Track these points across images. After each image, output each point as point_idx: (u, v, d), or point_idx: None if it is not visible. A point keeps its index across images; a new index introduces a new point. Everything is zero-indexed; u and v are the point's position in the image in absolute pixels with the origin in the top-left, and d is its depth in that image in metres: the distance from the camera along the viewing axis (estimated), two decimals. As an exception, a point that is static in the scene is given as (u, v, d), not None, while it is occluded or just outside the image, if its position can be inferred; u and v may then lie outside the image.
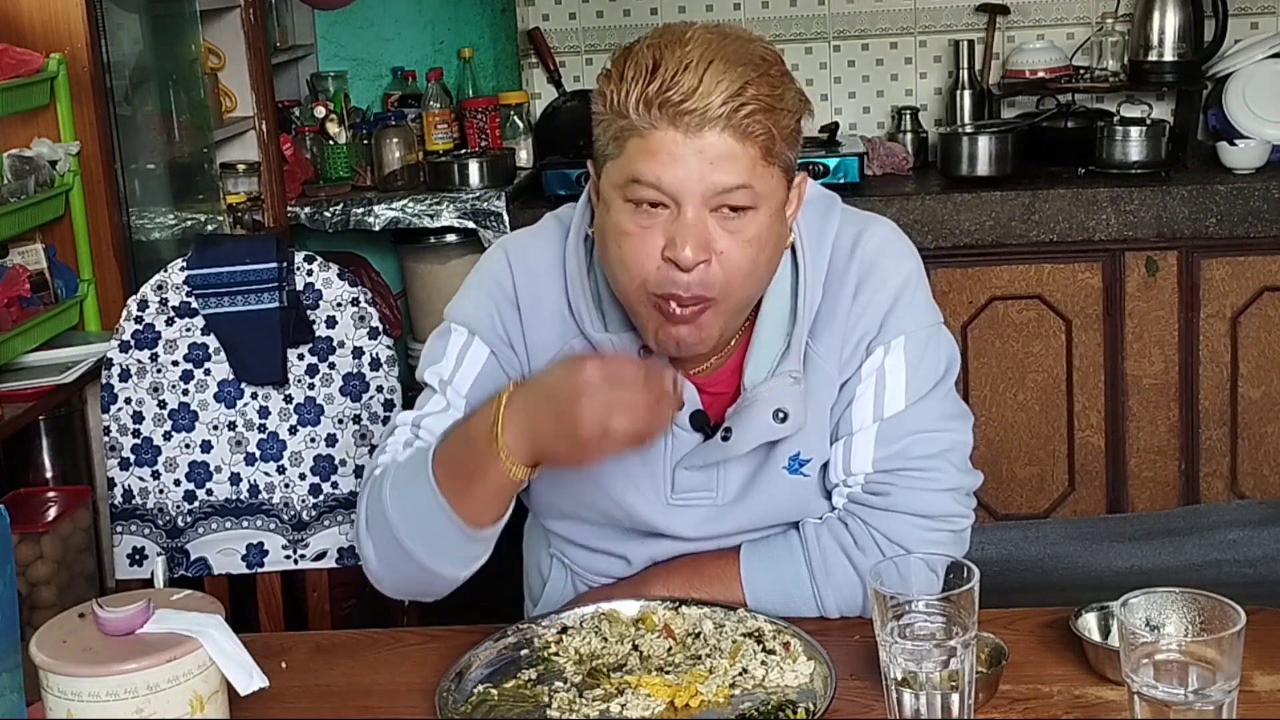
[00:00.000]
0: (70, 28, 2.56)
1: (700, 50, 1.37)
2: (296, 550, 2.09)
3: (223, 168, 3.19)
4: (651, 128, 1.37)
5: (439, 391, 1.57)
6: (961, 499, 1.56)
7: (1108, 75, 3.65)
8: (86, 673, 1.21)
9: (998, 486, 3.38)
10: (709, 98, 1.35)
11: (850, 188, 3.39)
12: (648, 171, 1.38)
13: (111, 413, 2.08)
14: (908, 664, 1.24)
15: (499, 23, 4.05)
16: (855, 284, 1.54)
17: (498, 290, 1.58)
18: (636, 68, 1.38)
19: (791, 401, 1.50)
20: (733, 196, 1.39)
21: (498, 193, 3.42)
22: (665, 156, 1.37)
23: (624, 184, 1.40)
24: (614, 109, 1.40)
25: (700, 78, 1.35)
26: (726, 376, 1.55)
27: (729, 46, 1.39)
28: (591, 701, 1.35)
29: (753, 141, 1.38)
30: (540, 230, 1.62)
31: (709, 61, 1.36)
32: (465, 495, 1.42)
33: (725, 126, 1.36)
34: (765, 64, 1.40)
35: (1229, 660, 1.15)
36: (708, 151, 1.37)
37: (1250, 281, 3.28)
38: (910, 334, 1.54)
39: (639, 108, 1.37)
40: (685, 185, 1.38)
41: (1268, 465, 3.36)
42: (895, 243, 1.58)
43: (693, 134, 1.36)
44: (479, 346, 1.57)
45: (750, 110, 1.36)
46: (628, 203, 1.41)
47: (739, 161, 1.38)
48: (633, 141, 1.39)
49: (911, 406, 1.54)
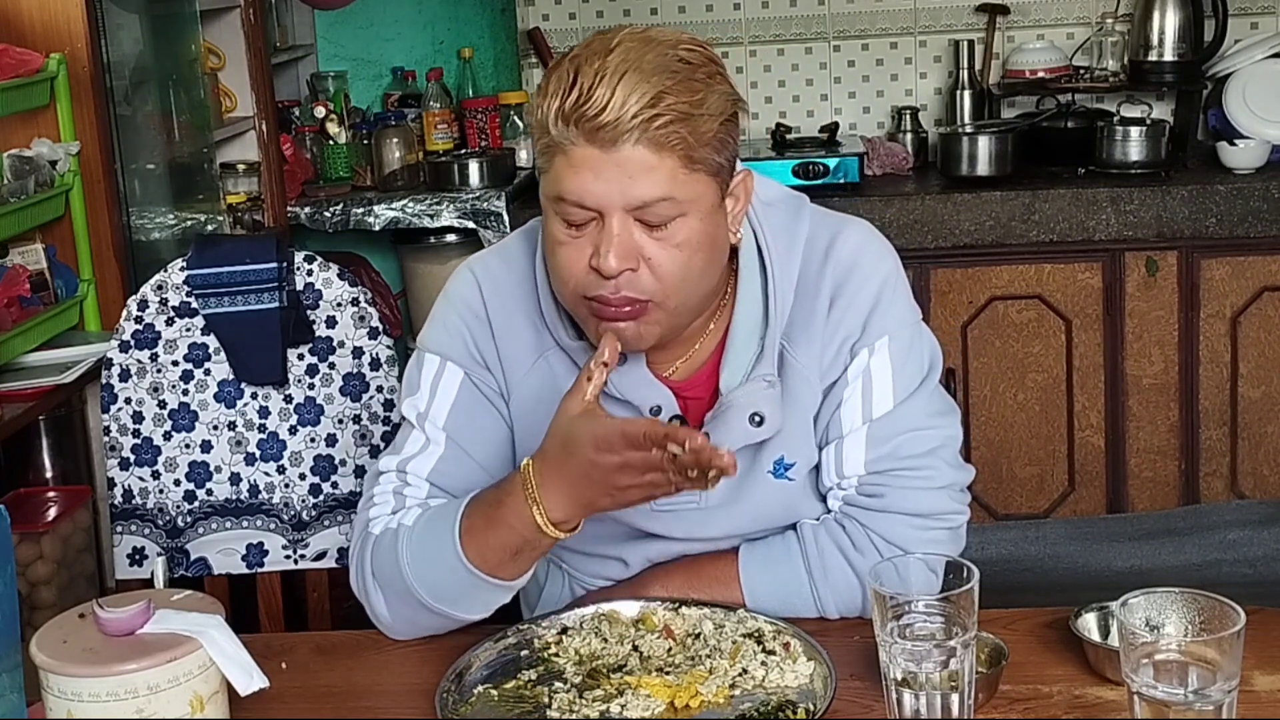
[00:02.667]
0: (70, 28, 2.56)
1: (619, 59, 1.36)
2: (296, 550, 2.09)
3: (223, 168, 3.19)
4: (571, 144, 1.38)
5: (417, 427, 1.58)
6: (956, 495, 1.56)
7: (1108, 75, 3.65)
8: (87, 673, 1.21)
9: (998, 486, 3.38)
10: (621, 110, 1.35)
11: (850, 188, 3.39)
12: (571, 190, 1.39)
13: (111, 413, 2.08)
14: (908, 664, 1.24)
15: (499, 23, 4.05)
16: (833, 288, 1.54)
17: (467, 311, 1.59)
18: (558, 81, 1.39)
19: (767, 405, 1.50)
20: (654, 209, 1.39)
21: (498, 193, 3.42)
22: (587, 173, 1.38)
23: (553, 199, 1.42)
24: (540, 123, 1.41)
25: (613, 89, 1.35)
26: (704, 381, 1.55)
27: (649, 54, 1.37)
28: (591, 702, 1.35)
29: (670, 151, 1.38)
30: (505, 247, 1.63)
31: (623, 73, 1.36)
32: (502, 568, 1.45)
33: (640, 139, 1.36)
34: (688, 68, 1.39)
35: (1229, 660, 1.15)
36: (626, 165, 1.37)
37: (1250, 281, 3.28)
38: (894, 334, 1.54)
39: (558, 123, 1.38)
40: (606, 199, 1.38)
41: (1268, 465, 3.36)
42: (871, 243, 1.58)
43: (609, 148, 1.37)
44: (452, 371, 1.58)
45: (665, 120, 1.36)
46: (557, 216, 1.43)
47: (658, 173, 1.38)
48: (558, 159, 1.40)
49: (899, 406, 1.54)
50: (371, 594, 1.52)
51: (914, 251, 3.23)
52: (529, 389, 1.57)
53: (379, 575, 1.51)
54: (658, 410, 1.53)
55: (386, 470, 1.58)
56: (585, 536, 1.60)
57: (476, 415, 1.57)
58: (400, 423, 1.63)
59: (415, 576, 1.47)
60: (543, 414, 1.50)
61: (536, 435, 1.46)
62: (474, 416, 1.57)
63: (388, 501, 1.55)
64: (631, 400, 1.53)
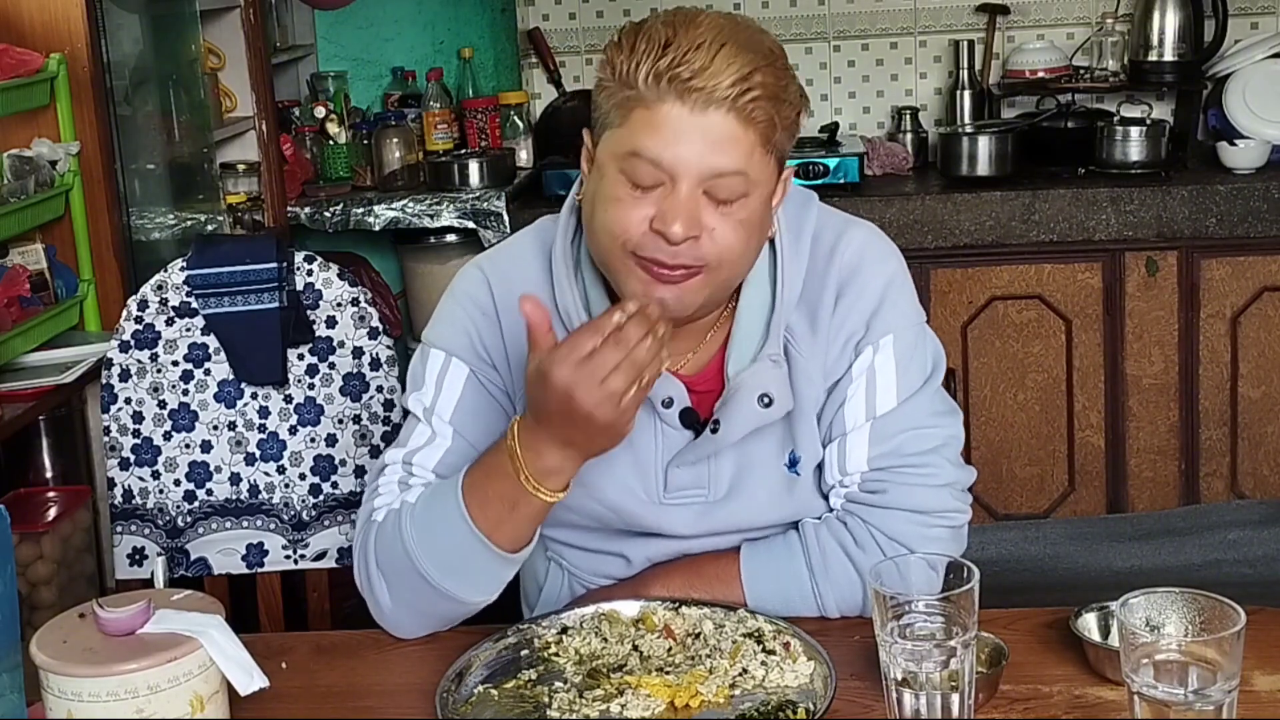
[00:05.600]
0: (70, 28, 2.56)
1: (713, 33, 1.39)
2: (296, 550, 2.09)
3: (223, 168, 3.19)
4: (659, 101, 1.38)
5: (423, 420, 1.58)
6: (958, 494, 1.56)
7: (1108, 75, 3.65)
8: (87, 673, 1.21)
9: (998, 486, 3.38)
10: (718, 77, 1.37)
11: (850, 188, 3.39)
12: (649, 146, 1.39)
13: (111, 413, 2.08)
14: (908, 664, 1.24)
15: (499, 23, 4.05)
16: (838, 287, 1.55)
17: (474, 308, 1.59)
18: (649, 42, 1.40)
19: (775, 386, 1.51)
20: (727, 182, 1.40)
21: (498, 193, 3.42)
22: (669, 132, 1.38)
23: (623, 155, 1.41)
24: (621, 79, 1.41)
25: (712, 57, 1.37)
26: (712, 374, 1.56)
27: (740, 33, 1.41)
28: (591, 702, 1.35)
29: (755, 127, 1.39)
30: (513, 245, 1.64)
31: (721, 44, 1.38)
32: (502, 525, 1.43)
33: (731, 108, 1.38)
34: (772, 55, 1.42)
35: (1229, 660, 1.15)
36: (710, 132, 1.38)
37: (1250, 281, 3.28)
38: (898, 332, 1.55)
39: (648, 80, 1.38)
40: (684, 163, 1.39)
41: (1268, 465, 3.36)
42: (876, 244, 1.59)
43: (698, 111, 1.38)
44: (458, 367, 1.58)
45: (756, 96, 1.38)
46: (622, 174, 1.41)
47: (739, 146, 1.39)
48: (638, 113, 1.40)
49: (903, 404, 1.54)
50: (375, 584, 1.51)
51: (914, 251, 3.22)
52: None
53: (382, 562, 1.50)
54: (670, 402, 1.54)
55: (392, 463, 1.57)
56: (587, 532, 1.61)
57: (482, 411, 1.57)
58: (404, 419, 1.62)
59: (417, 544, 1.46)
60: None
61: None
62: (480, 412, 1.57)
63: (392, 492, 1.55)
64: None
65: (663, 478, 1.56)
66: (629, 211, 1.41)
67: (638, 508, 1.56)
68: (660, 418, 1.55)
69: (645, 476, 1.56)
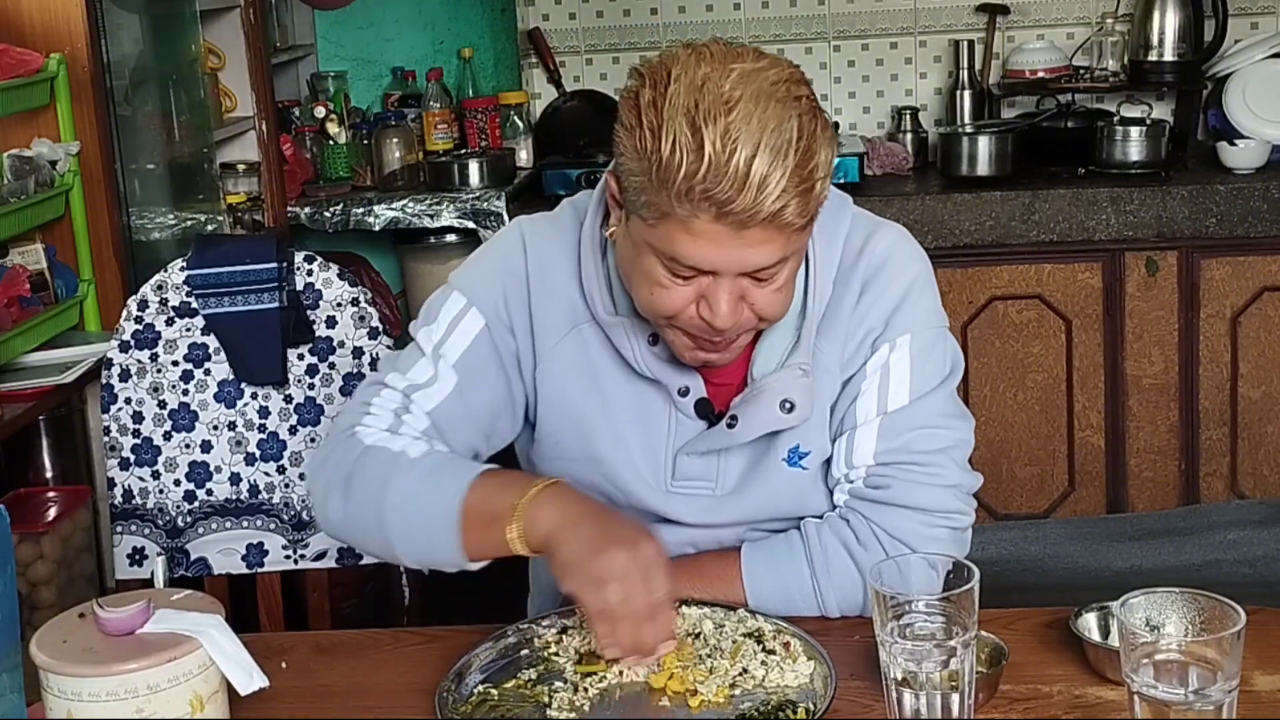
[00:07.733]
0: (70, 28, 2.56)
1: (744, 128, 1.30)
2: (296, 550, 2.09)
3: (223, 168, 3.19)
4: (692, 216, 1.34)
5: (427, 356, 1.56)
6: (962, 497, 1.56)
7: (1108, 75, 3.65)
8: (87, 673, 1.21)
9: (998, 486, 3.38)
10: (755, 201, 1.31)
11: (850, 188, 3.37)
12: (687, 254, 1.37)
13: (111, 413, 2.08)
14: (908, 664, 1.24)
15: (499, 23, 4.05)
16: (862, 282, 1.55)
17: (507, 269, 1.58)
18: (676, 145, 1.31)
19: (799, 393, 1.51)
20: (768, 270, 1.40)
21: (498, 193, 3.42)
22: (706, 244, 1.35)
23: (662, 254, 1.39)
24: (650, 177, 1.34)
25: (745, 177, 1.30)
26: (734, 368, 1.56)
27: (770, 117, 1.31)
28: (584, 679, 1.37)
29: (793, 226, 1.36)
30: (556, 216, 1.62)
31: (754, 147, 1.30)
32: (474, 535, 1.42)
33: (769, 224, 1.34)
34: (806, 126, 1.34)
35: (1229, 660, 1.15)
36: (749, 239, 1.35)
37: (1250, 281, 3.28)
38: (916, 332, 1.55)
39: (680, 196, 1.32)
40: (724, 265, 1.38)
41: (1268, 465, 3.36)
42: (904, 245, 1.59)
43: (735, 227, 1.34)
44: (474, 316, 1.57)
45: (795, 209, 1.34)
46: (658, 262, 1.40)
47: (778, 242, 1.37)
48: (673, 222, 1.35)
49: (915, 402, 1.54)
50: (331, 495, 1.49)
51: (914, 251, 3.23)
52: (559, 359, 1.57)
53: (352, 486, 1.47)
54: (685, 391, 1.54)
55: (392, 387, 1.55)
56: None
57: (485, 370, 1.56)
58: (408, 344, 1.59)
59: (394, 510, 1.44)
60: (571, 384, 1.54)
61: (561, 404, 1.48)
62: (482, 370, 1.56)
63: (384, 417, 1.53)
64: (660, 379, 1.54)
65: (671, 464, 1.57)
66: (671, 296, 1.41)
67: (645, 492, 1.57)
68: (675, 405, 1.56)
69: (654, 460, 1.57)
